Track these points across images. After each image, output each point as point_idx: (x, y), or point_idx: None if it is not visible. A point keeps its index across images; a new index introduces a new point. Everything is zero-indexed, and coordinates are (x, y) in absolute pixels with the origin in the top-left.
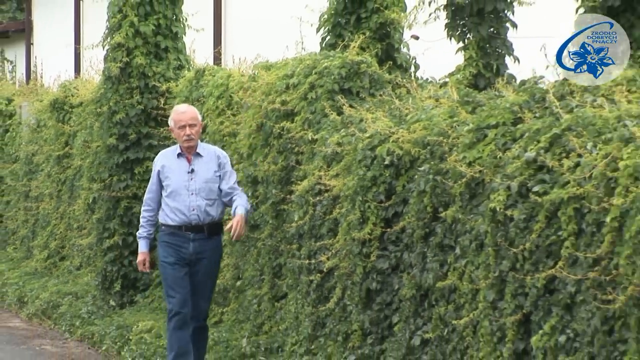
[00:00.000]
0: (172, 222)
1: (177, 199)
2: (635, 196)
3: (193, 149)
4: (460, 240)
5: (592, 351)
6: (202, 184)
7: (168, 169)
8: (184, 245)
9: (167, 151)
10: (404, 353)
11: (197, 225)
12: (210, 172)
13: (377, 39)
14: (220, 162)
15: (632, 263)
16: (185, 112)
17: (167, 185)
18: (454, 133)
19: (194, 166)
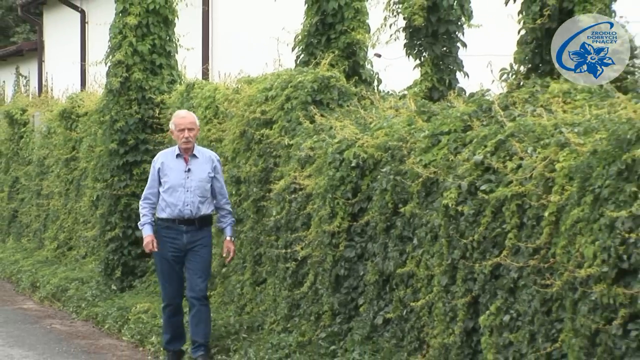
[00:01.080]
0: (166, 215)
1: (173, 194)
2: (569, 194)
3: (190, 151)
4: (418, 232)
5: (532, 329)
6: (197, 183)
7: (167, 167)
8: (178, 237)
9: (167, 151)
10: (369, 331)
11: (189, 219)
12: (204, 172)
13: (344, 57)
14: (215, 165)
15: (567, 252)
16: (185, 117)
17: (165, 182)
18: (411, 139)
19: (190, 166)
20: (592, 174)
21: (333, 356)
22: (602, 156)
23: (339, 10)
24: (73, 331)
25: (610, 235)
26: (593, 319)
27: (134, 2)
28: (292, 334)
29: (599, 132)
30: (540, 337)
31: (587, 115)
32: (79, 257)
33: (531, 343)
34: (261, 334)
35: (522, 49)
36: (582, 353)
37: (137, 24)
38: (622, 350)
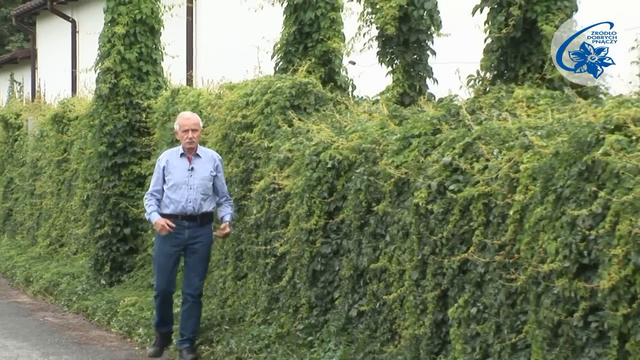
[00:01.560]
0: (170, 211)
1: (177, 192)
2: (533, 193)
3: (194, 150)
4: (390, 229)
5: (498, 321)
6: (200, 181)
7: (171, 166)
8: (180, 231)
9: (172, 150)
10: (344, 322)
11: (192, 215)
12: (207, 171)
13: (321, 64)
14: (216, 164)
15: (531, 248)
16: (189, 119)
17: (169, 179)
18: (384, 141)
19: (193, 165)
20: (555, 174)
21: (310, 347)
22: (564, 158)
23: (315, 20)
24: (64, 323)
25: (572, 232)
26: (555, 312)
27: (122, 12)
28: (271, 326)
29: (561, 135)
30: (506, 328)
31: (550, 119)
32: (70, 253)
33: (497, 334)
34: (242, 326)
35: (488, 56)
36: (545, 343)
37: (125, 33)
38: (583, 341)
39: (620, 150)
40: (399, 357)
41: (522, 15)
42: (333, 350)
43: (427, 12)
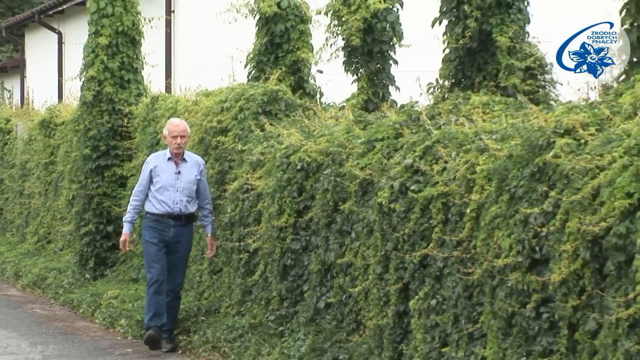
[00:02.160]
0: (157, 211)
1: (164, 193)
2: (488, 193)
3: (181, 155)
4: (355, 227)
5: (456, 312)
6: (186, 184)
7: (159, 169)
8: (166, 229)
9: (159, 154)
10: (312, 314)
11: (178, 215)
12: (192, 175)
13: (290, 73)
14: (201, 169)
15: (486, 244)
16: (178, 126)
17: (157, 182)
18: (350, 145)
19: (180, 169)
20: (508, 175)
21: (281, 336)
22: (517, 160)
23: (285, 32)
24: (51, 315)
25: (524, 229)
26: (509, 303)
27: (105, 24)
28: (244, 317)
29: (514, 139)
30: (463, 318)
31: (504, 124)
32: (56, 249)
33: (455, 324)
34: (218, 317)
35: (447, 65)
36: (499, 333)
37: (107, 44)
38: (535, 330)
39: (570, 153)
40: (363, 346)
41: (477, 27)
42: (302, 339)
43: (389, 24)
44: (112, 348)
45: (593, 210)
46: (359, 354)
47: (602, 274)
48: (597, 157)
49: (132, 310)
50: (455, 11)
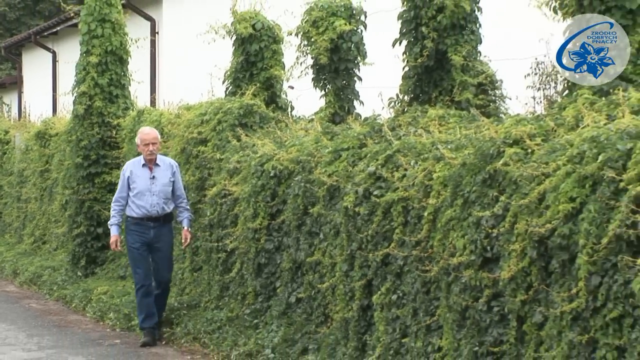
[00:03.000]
0: (137, 215)
1: (142, 198)
2: (444, 198)
3: (154, 161)
4: (323, 228)
5: (415, 306)
6: (161, 187)
7: (135, 175)
8: (146, 231)
9: (134, 161)
10: (284, 307)
11: (156, 217)
12: (166, 178)
13: (264, 89)
14: (174, 171)
15: (442, 244)
16: (149, 134)
17: (134, 187)
18: (318, 154)
19: (154, 174)
20: (462, 181)
21: (256, 328)
22: (470, 168)
23: (259, 52)
24: (46, 309)
25: (477, 230)
26: (463, 298)
27: (95, 44)
28: (222, 311)
29: (468, 149)
30: (421, 312)
31: (458, 135)
32: (51, 249)
33: (414, 317)
34: (198, 311)
35: (406, 82)
36: (454, 325)
37: (97, 62)
38: (486, 322)
39: (518, 161)
40: (331, 337)
41: (434, 47)
42: (275, 331)
43: (354, 44)
44: (102, 339)
45: (539, 213)
46: (327, 344)
47: (548, 271)
48: (543, 165)
49: (120, 304)
50: (414, 32)
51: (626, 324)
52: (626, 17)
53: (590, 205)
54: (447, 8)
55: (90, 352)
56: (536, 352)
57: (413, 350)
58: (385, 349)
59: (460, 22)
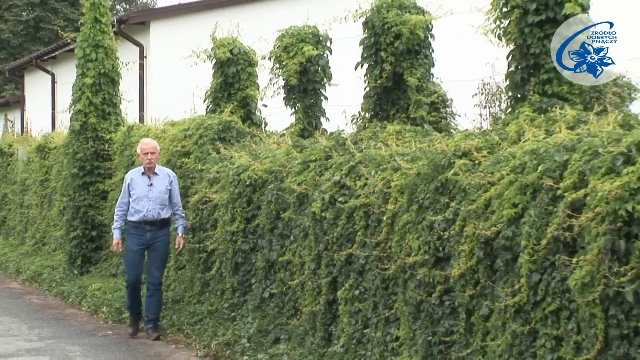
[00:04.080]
0: (135, 219)
1: (140, 203)
2: (401, 204)
3: (152, 170)
4: (294, 231)
5: (375, 300)
6: (158, 195)
7: (135, 183)
8: (144, 234)
9: (135, 170)
10: (259, 302)
11: (153, 221)
12: (163, 186)
13: (241, 107)
14: (171, 180)
15: (400, 245)
16: (149, 144)
17: (134, 194)
18: (289, 165)
19: (152, 182)
20: (417, 189)
21: (234, 320)
22: (424, 177)
23: (237, 74)
24: (46, 304)
25: (430, 233)
26: (418, 293)
27: (90, 68)
28: (204, 305)
29: (422, 160)
30: (381, 306)
31: (414, 148)
32: (50, 250)
33: (375, 310)
34: (182, 305)
35: (367, 101)
36: (410, 317)
37: (92, 83)
38: (439, 315)
39: (467, 172)
40: (300, 328)
41: (392, 70)
42: (251, 323)
43: (321, 67)
44: (96, 331)
45: (486, 218)
46: (297, 335)
47: (493, 270)
48: (489, 175)
49: (112, 300)
50: (374, 57)
51: (563, 316)
52: None
53: (531, 210)
54: (403, 35)
55: (85, 343)
56: (483, 342)
57: (374, 340)
58: (349, 339)
59: (415, 47)
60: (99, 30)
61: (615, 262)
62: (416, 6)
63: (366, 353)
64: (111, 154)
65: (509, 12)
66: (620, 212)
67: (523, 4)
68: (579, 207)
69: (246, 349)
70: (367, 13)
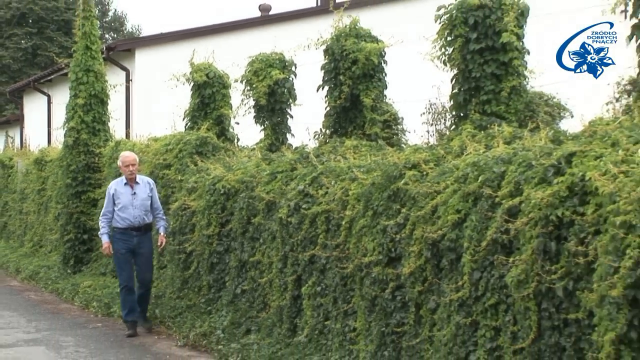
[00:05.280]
0: (122, 225)
1: (125, 211)
2: (358, 210)
3: (134, 180)
4: (263, 234)
5: (335, 295)
6: (141, 202)
7: (119, 193)
8: (130, 239)
9: (117, 180)
10: (232, 297)
11: (138, 226)
12: (145, 193)
13: (216, 124)
14: (151, 187)
15: (357, 247)
16: (128, 157)
17: (118, 202)
18: (258, 175)
19: (135, 190)
20: (372, 197)
21: (209, 313)
22: (378, 186)
23: (212, 95)
24: (42, 299)
25: (384, 236)
26: (373, 289)
27: (81, 89)
28: (183, 300)
29: (376, 171)
30: (340, 300)
31: (369, 161)
32: (46, 252)
33: (334, 304)
34: (163, 300)
35: (328, 119)
36: (366, 310)
37: (83, 103)
38: (391, 308)
39: (415, 181)
40: (268, 320)
41: (349, 91)
42: (225, 316)
43: (287, 89)
44: (87, 323)
45: (432, 222)
46: (265, 326)
47: (439, 268)
48: (435, 184)
49: (102, 295)
50: (334, 80)
51: (501, 309)
52: (500, 68)
53: (472, 216)
54: (359, 61)
55: (77, 334)
56: (430, 332)
57: (334, 330)
58: (311, 330)
59: (370, 72)
60: (90, 56)
61: (547, 262)
62: (371, 35)
63: (327, 342)
64: (100, 166)
65: (452, 41)
66: (551, 217)
67: (465, 33)
68: (515, 212)
69: (220, 339)
70: (327, 41)
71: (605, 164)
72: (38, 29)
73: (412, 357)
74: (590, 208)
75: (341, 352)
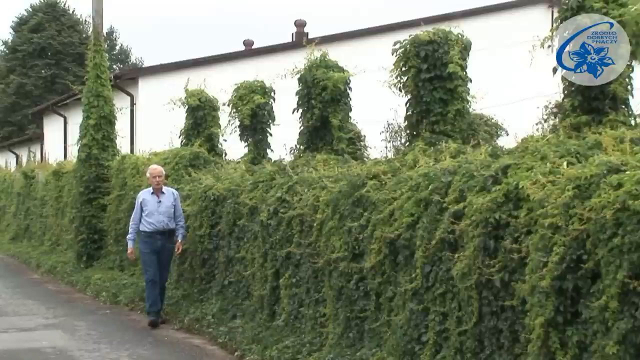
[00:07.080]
0: (148, 229)
1: (151, 217)
2: (327, 214)
3: (160, 189)
4: (247, 235)
5: (308, 286)
6: (165, 209)
7: (146, 201)
8: (155, 242)
9: (145, 191)
10: (220, 288)
11: (162, 231)
12: (169, 202)
13: (207, 141)
14: (175, 197)
15: (326, 245)
16: (156, 169)
17: (146, 209)
18: (243, 184)
19: (160, 199)
20: (339, 203)
21: (201, 302)
22: (344, 194)
23: (204, 117)
24: (59, 290)
25: (349, 235)
26: (340, 281)
27: (93, 112)
28: (179, 290)
29: (342, 181)
30: (312, 290)
31: (336, 172)
32: (63, 249)
33: (307, 293)
34: None
35: (302, 137)
36: (334, 299)
37: (94, 124)
38: (355, 297)
39: (376, 189)
40: (251, 307)
41: (320, 113)
42: (214, 304)
43: (267, 111)
44: (97, 310)
45: (390, 224)
46: (249, 312)
47: (396, 262)
48: (392, 192)
49: (110, 287)
50: (307, 104)
51: (448, 297)
52: (447, 94)
53: (423, 218)
54: (328, 88)
55: (89, 319)
56: (388, 317)
57: (307, 315)
58: (288, 315)
59: (337, 97)
60: (100, 83)
61: (487, 257)
62: (338, 66)
63: (301, 326)
64: (109, 176)
65: (406, 70)
66: (490, 220)
67: (417, 64)
68: (459, 216)
69: (211, 323)
70: (301, 71)
71: (535, 175)
72: (56, 60)
73: (373, 339)
74: (523, 212)
75: (313, 334)
